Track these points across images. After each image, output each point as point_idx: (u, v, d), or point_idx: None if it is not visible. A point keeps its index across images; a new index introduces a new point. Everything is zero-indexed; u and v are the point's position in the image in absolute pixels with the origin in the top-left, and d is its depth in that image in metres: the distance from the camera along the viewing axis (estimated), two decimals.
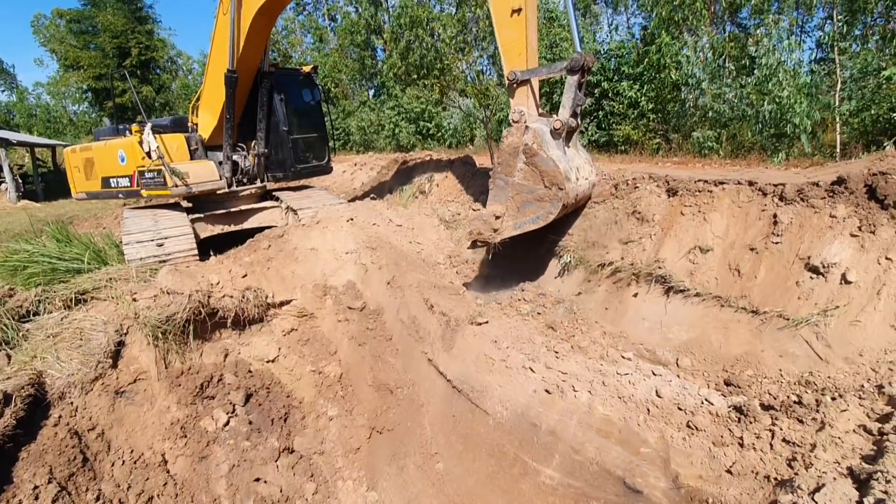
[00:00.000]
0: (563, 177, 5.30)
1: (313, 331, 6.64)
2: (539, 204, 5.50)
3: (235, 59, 7.36)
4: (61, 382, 4.95)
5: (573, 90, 5.53)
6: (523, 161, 5.55)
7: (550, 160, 5.34)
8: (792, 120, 8.98)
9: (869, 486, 2.55)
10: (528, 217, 5.60)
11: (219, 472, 5.17)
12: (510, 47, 5.83)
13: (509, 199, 5.69)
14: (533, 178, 5.51)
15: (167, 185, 7.52)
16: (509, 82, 5.86)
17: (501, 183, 5.72)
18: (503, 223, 5.71)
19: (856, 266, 4.07)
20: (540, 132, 5.43)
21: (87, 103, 35.41)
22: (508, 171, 5.65)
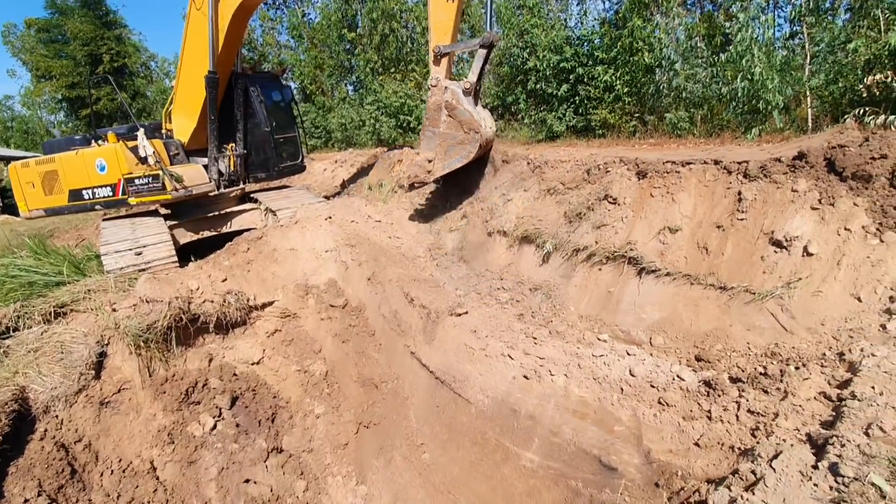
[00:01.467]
0: (478, 123, 6.76)
1: (297, 331, 6.68)
2: (461, 146, 6.90)
3: (215, 60, 7.39)
4: (45, 396, 4.96)
5: (482, 60, 6.83)
6: (446, 114, 6.86)
7: (467, 111, 6.76)
8: (764, 96, 9.07)
9: (825, 450, 2.65)
10: (454, 157, 6.96)
11: (208, 476, 5.22)
12: (440, 27, 6.93)
13: (438, 146, 7.00)
14: (455, 127, 6.86)
15: (166, 190, 7.44)
16: (434, 55, 7.03)
17: (430, 134, 7.02)
18: (434, 165, 7.07)
19: (817, 238, 4.17)
20: (455, 91, 6.79)
21: (62, 113, 34.84)
22: (434, 123, 6.97)
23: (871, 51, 7.68)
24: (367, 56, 21.35)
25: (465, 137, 6.82)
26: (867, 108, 5.73)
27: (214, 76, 7.58)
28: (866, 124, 5.39)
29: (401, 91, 20.45)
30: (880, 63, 7.44)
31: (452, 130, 6.89)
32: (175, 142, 8.32)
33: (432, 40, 7.08)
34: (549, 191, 6.66)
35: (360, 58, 21.75)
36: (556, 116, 13.57)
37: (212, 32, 7.29)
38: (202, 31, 7.39)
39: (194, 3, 7.28)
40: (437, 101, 6.92)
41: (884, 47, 7.19)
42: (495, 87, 16.28)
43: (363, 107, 22.50)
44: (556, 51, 13.15)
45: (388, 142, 20.28)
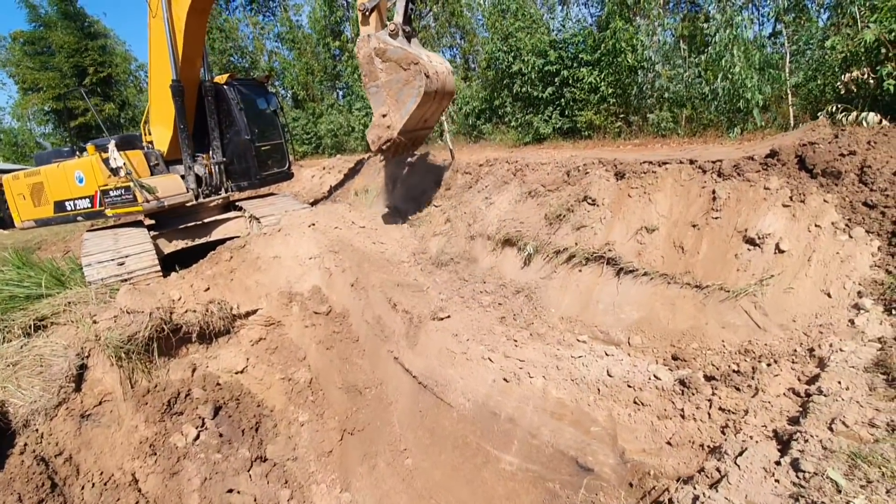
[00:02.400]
0: (414, 54, 6.21)
1: (281, 338, 6.66)
2: (409, 85, 6.28)
3: (177, 68, 7.31)
4: (24, 410, 4.93)
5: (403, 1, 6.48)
6: (379, 62, 6.41)
7: (399, 48, 6.28)
8: (744, 95, 9.15)
9: (789, 446, 2.67)
10: (407, 101, 6.35)
11: (191, 487, 5.19)
12: None
13: (387, 98, 6.47)
14: (393, 69, 6.34)
15: (137, 201, 7.44)
16: (360, 13, 6.67)
17: (374, 89, 6.53)
18: (392, 118, 6.50)
19: (788, 235, 4.21)
20: (380, 37, 6.39)
21: (50, 125, 34.70)
22: (374, 76, 6.49)
23: (848, 48, 7.76)
24: (354, 63, 21.40)
25: (409, 74, 6.27)
26: (840, 105, 5.78)
27: (179, 84, 7.49)
28: (839, 121, 5.44)
29: None
30: (857, 60, 7.52)
31: (394, 74, 6.38)
32: (155, 152, 8.31)
33: None
34: (531, 193, 6.69)
35: (347, 64, 21.79)
36: (542, 119, 13.64)
37: (169, 38, 7.23)
38: (162, 38, 7.36)
39: (150, 11, 7.27)
40: (365, 53, 6.50)
41: (860, 44, 7.27)
42: (482, 91, 16.35)
43: (352, 112, 22.55)
44: (540, 54, 13.23)
45: None
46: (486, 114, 16.53)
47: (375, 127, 6.62)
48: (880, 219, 3.96)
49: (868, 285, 3.74)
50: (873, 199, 4.04)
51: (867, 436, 2.53)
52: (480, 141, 16.19)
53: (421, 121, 6.92)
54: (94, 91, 29.16)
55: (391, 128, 6.54)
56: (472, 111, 17.03)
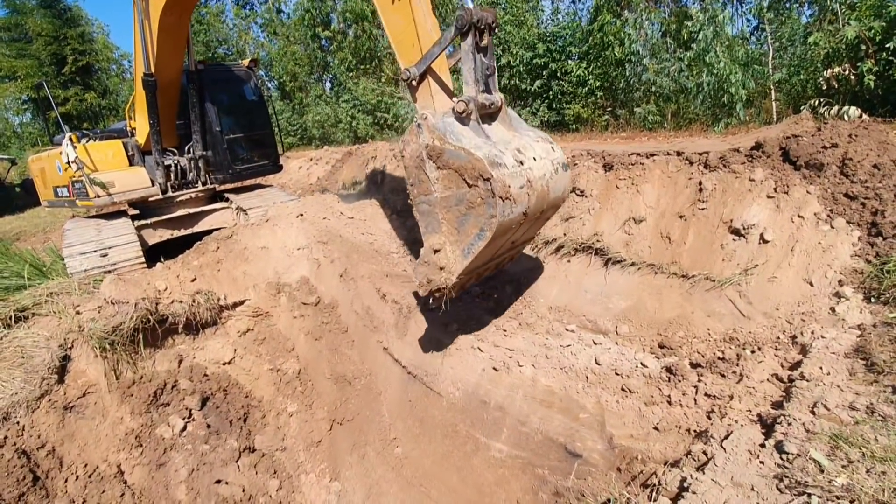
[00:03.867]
0: (485, 162, 3.76)
1: (269, 329, 6.62)
2: (475, 212, 3.93)
3: (151, 62, 6.95)
4: (4, 403, 4.83)
5: (470, 56, 4.19)
6: (434, 167, 4.06)
7: (460, 150, 3.86)
8: (728, 90, 9.28)
9: (773, 429, 2.74)
10: (472, 234, 4.03)
11: (178, 478, 5.15)
12: (400, 39, 4.63)
13: (442, 223, 4.16)
14: (453, 182, 4.00)
15: (90, 196, 7.31)
16: (407, 83, 4.58)
17: (425, 207, 4.23)
18: (448, 255, 4.19)
19: (772, 226, 4.29)
20: (439, 125, 4.02)
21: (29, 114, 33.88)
22: (425, 188, 4.17)
23: (830, 44, 7.89)
24: (342, 54, 21.23)
25: (473, 195, 3.91)
26: (822, 100, 5.89)
27: (150, 78, 7.08)
28: (821, 115, 5.55)
29: (377, 89, 20.36)
30: (838, 56, 7.66)
31: (453, 190, 4.05)
32: (132, 142, 8.16)
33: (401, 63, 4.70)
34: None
35: (336, 55, 21.60)
36: (530, 112, 13.68)
37: (142, 33, 6.82)
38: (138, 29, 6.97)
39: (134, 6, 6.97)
40: (413, 152, 4.18)
41: (841, 41, 7.40)
42: None
43: (339, 104, 22.37)
44: (529, 47, 13.23)
45: (364, 139, 20.21)
46: None
47: (424, 263, 4.31)
48: (861, 210, 4.06)
49: (848, 274, 3.84)
50: (854, 190, 4.14)
51: (848, 418, 2.61)
52: None
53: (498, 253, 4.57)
54: (74, 80, 28.49)
55: (447, 271, 4.21)
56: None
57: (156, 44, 6.68)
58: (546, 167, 4.35)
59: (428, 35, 4.55)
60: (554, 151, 4.57)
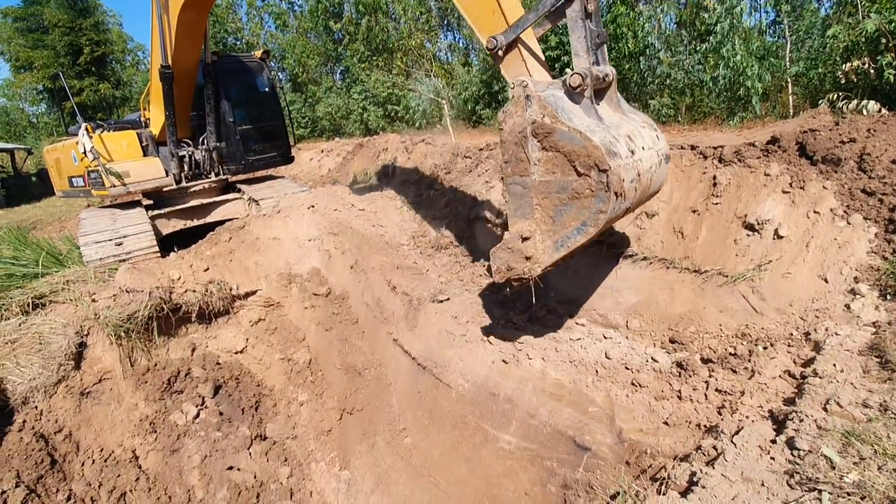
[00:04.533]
0: (603, 150, 3.34)
1: (280, 319, 6.68)
2: (579, 203, 3.51)
3: (169, 55, 6.97)
4: (23, 388, 4.94)
5: (580, 24, 3.68)
6: (537, 147, 3.59)
7: (575, 132, 3.39)
8: (744, 83, 9.15)
9: (784, 425, 2.73)
10: (570, 227, 3.60)
11: (191, 464, 5.24)
12: (477, 12, 4.22)
13: (535, 209, 3.71)
14: (558, 166, 3.55)
15: (105, 186, 7.41)
16: (491, 52, 4.11)
17: (518, 188, 3.76)
18: (537, 245, 3.78)
19: (787, 221, 4.24)
20: (551, 98, 3.53)
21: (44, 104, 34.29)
22: (522, 168, 3.69)
23: (849, 37, 7.74)
24: (354, 46, 21.20)
25: (582, 185, 3.47)
26: (840, 94, 5.79)
27: (167, 71, 7.12)
28: (839, 109, 5.46)
29: (388, 80, 20.34)
30: (858, 50, 7.52)
31: (557, 175, 3.58)
32: (147, 133, 8.24)
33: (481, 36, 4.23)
34: None
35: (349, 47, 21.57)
36: None
37: (160, 26, 6.81)
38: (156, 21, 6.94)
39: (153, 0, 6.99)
40: (515, 126, 3.65)
41: (861, 34, 7.26)
42: (482, 76, 16.25)
43: (350, 96, 22.39)
44: (540, 39, 13.13)
45: (375, 131, 20.23)
46: (485, 99, 16.46)
47: (507, 250, 3.91)
48: (878, 206, 4.00)
49: (864, 271, 3.79)
50: (872, 186, 4.08)
51: (860, 416, 2.59)
52: (479, 126, 16.13)
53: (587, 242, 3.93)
54: (89, 70, 28.76)
55: (533, 261, 3.82)
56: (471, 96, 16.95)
57: (174, 38, 6.72)
58: (652, 159, 3.97)
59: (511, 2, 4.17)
60: (659, 140, 4.20)
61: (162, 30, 6.75)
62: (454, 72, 19.55)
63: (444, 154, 9.36)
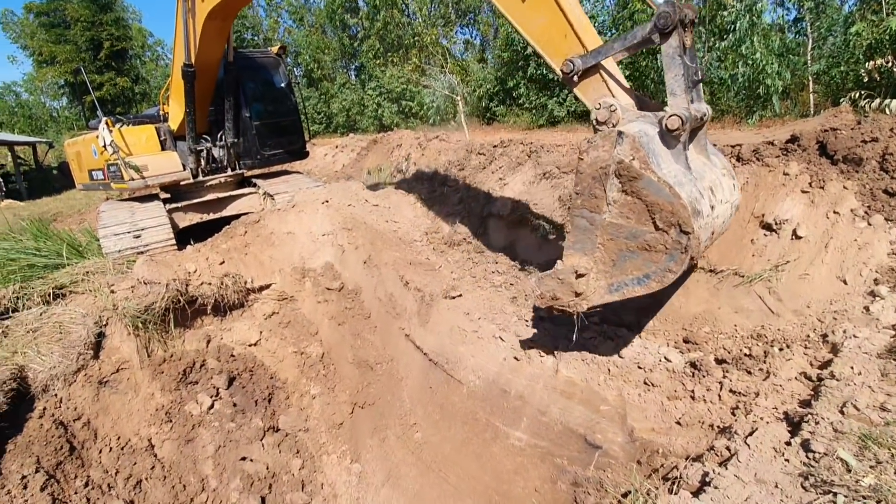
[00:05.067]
0: (689, 210, 3.12)
1: (294, 313, 6.75)
2: (647, 256, 3.36)
3: (192, 55, 7.03)
4: (44, 375, 5.05)
5: (677, 61, 3.39)
6: (617, 188, 3.37)
7: (664, 185, 3.15)
8: (764, 81, 9.02)
9: (800, 427, 2.70)
10: (631, 275, 3.48)
11: (205, 454, 5.33)
12: (547, 37, 3.91)
13: (598, 248, 3.57)
14: (635, 214, 3.36)
15: (125, 179, 7.54)
16: (566, 76, 3.77)
17: (584, 223, 3.59)
18: (590, 283, 3.65)
19: (806, 221, 4.18)
20: (643, 139, 3.26)
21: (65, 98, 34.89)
22: (594, 204, 3.49)
23: (872, 35, 7.59)
24: (369, 42, 21.26)
25: (658, 240, 3.29)
26: (863, 92, 5.68)
27: (190, 70, 7.17)
28: (861, 108, 5.36)
29: (402, 76, 20.36)
30: (881, 48, 7.37)
31: (631, 222, 3.38)
32: (165, 127, 8.36)
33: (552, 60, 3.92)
34: (545, 175, 6.67)
35: (364, 43, 21.63)
36: (557, 101, 13.52)
37: (185, 27, 6.84)
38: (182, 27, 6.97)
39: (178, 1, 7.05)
40: (598, 160, 3.42)
41: (885, 31, 7.11)
42: (496, 73, 16.20)
43: (365, 92, 22.45)
44: None
45: (390, 127, 20.28)
46: (499, 96, 16.42)
47: (555, 280, 3.78)
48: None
49: (885, 273, 3.72)
50: (894, 186, 4.00)
51: (878, 419, 2.55)
52: (493, 123, 16.09)
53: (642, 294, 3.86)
54: (109, 65, 29.18)
55: (582, 297, 3.70)
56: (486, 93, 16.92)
57: (198, 40, 6.77)
58: (726, 212, 3.74)
59: (579, 19, 3.87)
60: (734, 191, 3.96)
61: (186, 30, 6.80)
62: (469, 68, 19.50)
63: (458, 150, 9.37)
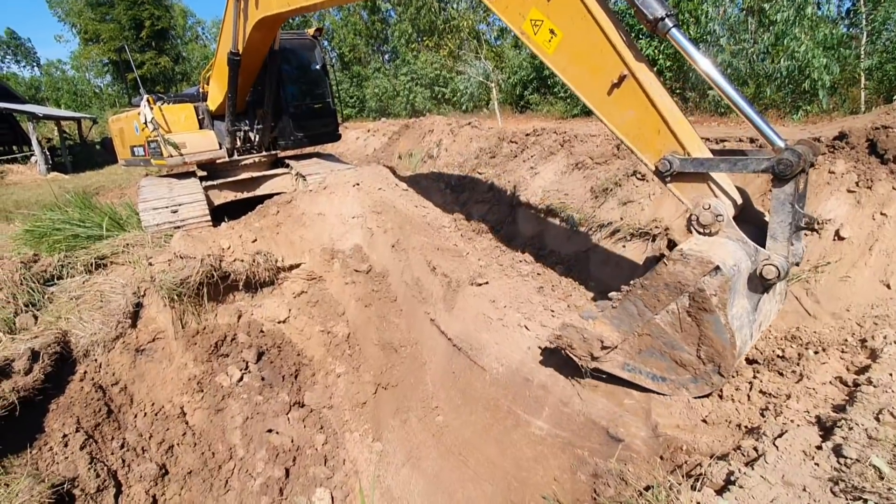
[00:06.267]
0: (734, 355, 3.23)
1: (322, 293, 6.87)
2: (674, 366, 3.51)
3: (240, 45, 7.05)
4: (85, 341, 5.29)
5: (787, 208, 3.29)
6: (684, 307, 3.37)
7: (728, 330, 3.19)
8: (810, 75, 8.66)
9: (832, 432, 2.63)
10: (649, 369, 3.66)
11: (234, 424, 5.51)
12: (637, 131, 3.76)
13: (632, 334, 3.66)
14: (686, 333, 3.41)
15: (164, 156, 7.76)
16: (660, 175, 3.70)
17: (633, 310, 3.63)
18: (609, 354, 3.82)
19: (850, 222, 4.03)
20: (732, 281, 3.18)
21: (108, 76, 35.91)
22: (652, 303, 3.50)
23: None
24: (402, 27, 21.17)
25: (693, 363, 3.41)
26: None
27: (236, 57, 7.20)
28: None
29: (436, 61, 20.25)
30: None
31: (677, 335, 3.44)
32: (204, 106, 8.53)
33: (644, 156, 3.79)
34: (577, 165, 6.58)
35: (396, 28, 21.56)
36: None
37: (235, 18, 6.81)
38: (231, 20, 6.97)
39: None
40: (680, 277, 3.30)
41: None
42: (532, 60, 15.95)
43: (397, 77, 22.43)
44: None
45: (422, 112, 20.25)
46: (534, 83, 16.19)
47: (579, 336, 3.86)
48: None
49: None
50: None
51: None
52: (527, 111, 15.90)
53: None
54: (150, 44, 29.85)
55: (596, 360, 3.85)
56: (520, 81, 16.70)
57: (247, 39, 6.82)
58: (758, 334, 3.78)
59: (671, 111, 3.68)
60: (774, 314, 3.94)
61: (235, 26, 6.84)
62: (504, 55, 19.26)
63: (489, 138, 9.31)
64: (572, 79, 3.87)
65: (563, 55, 3.84)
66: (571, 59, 3.81)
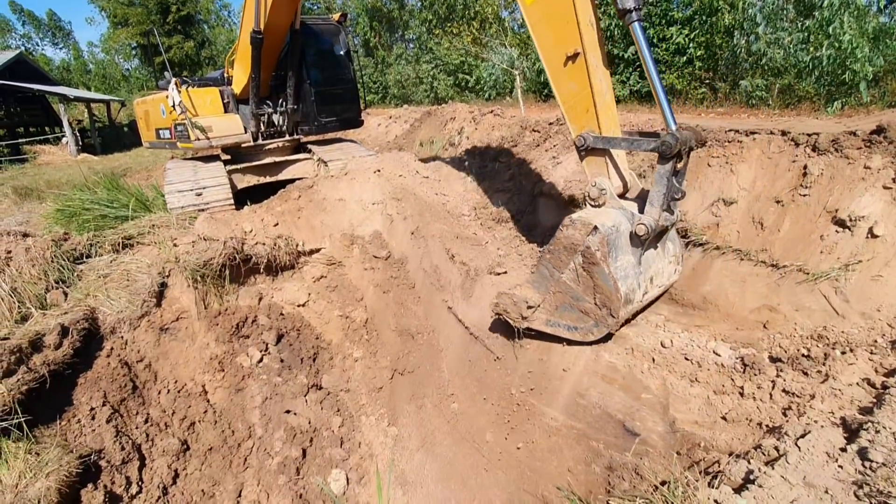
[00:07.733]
0: (621, 301, 3.98)
1: (341, 278, 6.92)
2: (581, 315, 4.25)
3: (262, 22, 7.13)
4: (112, 318, 5.42)
5: (664, 181, 4.04)
6: (579, 264, 4.15)
7: (611, 278, 3.96)
8: (852, 66, 8.32)
9: (857, 435, 2.57)
10: (565, 322, 4.41)
11: (253, 403, 5.62)
12: (572, 103, 4.52)
13: (548, 293, 4.43)
14: (584, 286, 4.18)
15: (191, 139, 7.85)
16: (577, 147, 4.56)
17: (546, 272, 4.44)
18: (535, 314, 4.55)
19: (885, 219, 3.89)
20: (610, 238, 3.97)
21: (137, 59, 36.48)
22: (558, 264, 4.31)
23: None
24: (422, 15, 20.96)
25: (592, 311, 4.17)
26: None
27: (259, 36, 7.27)
28: None
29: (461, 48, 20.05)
30: None
31: (578, 289, 4.22)
32: (229, 90, 8.59)
33: (570, 125, 4.64)
34: None
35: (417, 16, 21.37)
36: (619, 80, 13.00)
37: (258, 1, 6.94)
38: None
39: None
40: (571, 239, 4.14)
41: None
42: None
43: (420, 64, 22.30)
44: None
45: (444, 100, 20.12)
46: None
47: (511, 301, 4.60)
48: None
49: None
50: None
51: None
52: (550, 100, 15.65)
53: None
54: (176, 29, 30.18)
55: (525, 320, 4.59)
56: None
57: (269, 10, 6.89)
58: (656, 293, 4.64)
59: (604, 100, 4.42)
60: (674, 274, 4.81)
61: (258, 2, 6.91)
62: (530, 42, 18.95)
63: (512, 126, 9.20)
64: (539, 36, 4.52)
65: (538, 10, 4.41)
66: (543, 17, 4.39)
